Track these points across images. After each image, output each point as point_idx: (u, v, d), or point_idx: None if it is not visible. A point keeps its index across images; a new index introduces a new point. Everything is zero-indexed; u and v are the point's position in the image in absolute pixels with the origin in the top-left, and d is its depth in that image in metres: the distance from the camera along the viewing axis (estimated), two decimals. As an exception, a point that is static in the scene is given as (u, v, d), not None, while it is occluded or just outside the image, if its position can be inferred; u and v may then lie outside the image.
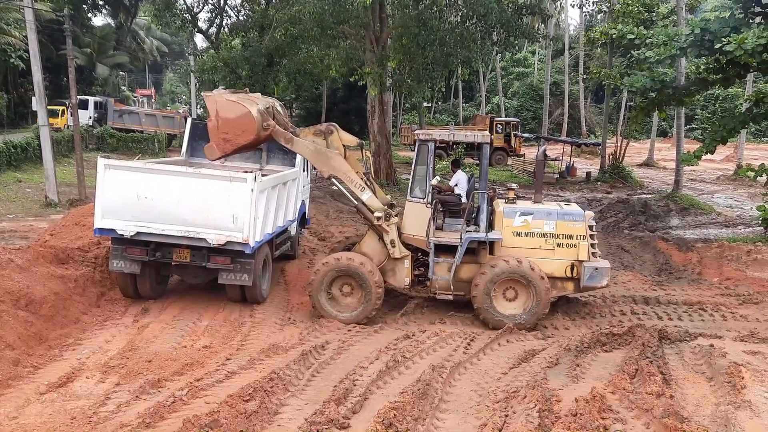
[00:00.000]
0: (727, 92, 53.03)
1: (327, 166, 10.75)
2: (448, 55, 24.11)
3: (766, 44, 13.91)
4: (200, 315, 10.41)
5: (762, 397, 7.82)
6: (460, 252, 10.71)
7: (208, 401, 7.22)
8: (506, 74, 68.17)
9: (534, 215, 10.92)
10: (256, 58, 27.72)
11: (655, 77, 17.86)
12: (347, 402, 7.37)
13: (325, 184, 26.82)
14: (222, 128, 9.89)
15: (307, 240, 16.01)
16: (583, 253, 10.92)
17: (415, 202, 10.97)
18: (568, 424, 6.83)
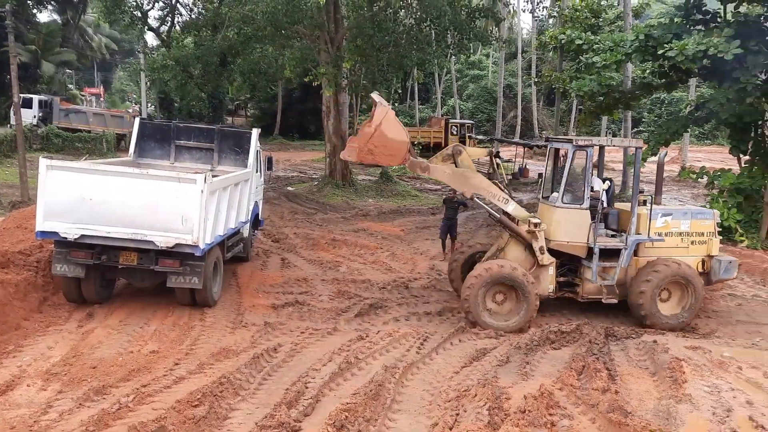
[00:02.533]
0: (673, 96, 54.63)
1: (467, 186, 10.66)
2: (403, 56, 24.23)
3: (705, 50, 14.38)
4: (148, 319, 10.18)
5: (702, 390, 8.09)
6: (627, 255, 10.82)
7: (155, 407, 7.08)
8: (461, 76, 68.84)
9: (673, 216, 11.23)
10: (208, 57, 27.37)
11: (602, 81, 18.28)
12: (299, 405, 7.33)
13: (278, 185, 26.70)
14: (375, 140, 9.75)
15: (260, 242, 15.87)
16: (714, 249, 11.44)
17: (570, 209, 10.91)
18: (517, 420, 6.95)
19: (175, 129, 13.74)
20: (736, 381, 8.54)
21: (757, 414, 7.54)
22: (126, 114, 41.26)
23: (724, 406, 7.66)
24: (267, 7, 21.84)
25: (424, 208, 22.84)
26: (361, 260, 15.06)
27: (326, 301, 11.72)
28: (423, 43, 24.66)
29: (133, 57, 56.80)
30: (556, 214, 10.95)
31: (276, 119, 56.42)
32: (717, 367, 8.99)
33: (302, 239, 16.63)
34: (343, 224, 19.37)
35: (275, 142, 50.61)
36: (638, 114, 55.04)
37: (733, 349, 9.96)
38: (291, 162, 38.25)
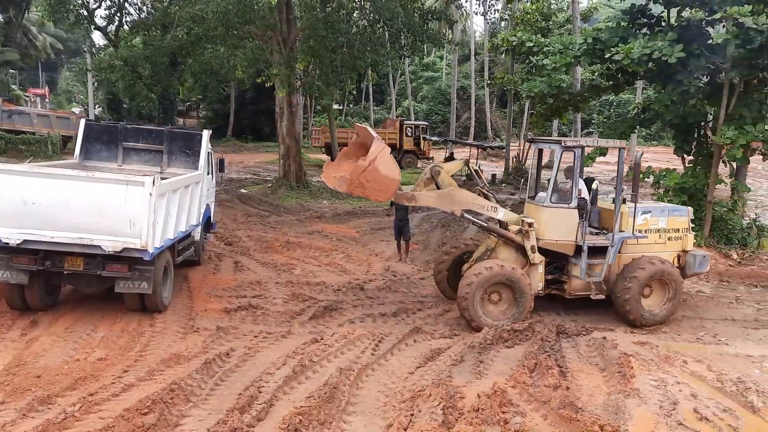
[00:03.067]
0: (621, 98, 56.00)
1: (456, 205, 10.77)
2: (356, 58, 24.21)
3: (650, 54, 14.76)
4: (95, 326, 9.90)
5: (649, 385, 8.31)
6: (614, 252, 11.07)
7: (102, 416, 6.91)
8: (415, 78, 69.24)
9: (652, 213, 11.58)
10: (158, 57, 26.82)
11: (552, 83, 18.59)
12: (252, 410, 7.24)
13: (231, 187, 26.37)
14: (368, 174, 9.74)
15: (213, 245, 15.64)
16: (688, 244, 11.83)
17: (558, 208, 11.12)
18: (471, 419, 7.01)
19: (123, 130, 13.42)
20: (682, 375, 8.81)
21: (702, 406, 7.80)
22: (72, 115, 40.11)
23: (670, 400, 7.89)
24: (218, 7, 21.53)
25: (379, 210, 22.85)
26: (316, 262, 14.99)
27: (280, 304, 11.61)
28: (376, 44, 24.69)
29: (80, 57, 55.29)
30: (545, 214, 11.16)
31: (229, 120, 55.74)
32: (663, 361, 9.26)
33: (256, 242, 16.45)
34: (298, 226, 19.24)
35: (228, 143, 50.01)
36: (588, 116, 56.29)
37: (679, 344, 10.28)
38: (244, 164, 37.83)
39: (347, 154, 11.25)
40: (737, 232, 16.49)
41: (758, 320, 11.77)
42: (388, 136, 39.30)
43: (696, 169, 17.18)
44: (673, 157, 19.43)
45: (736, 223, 16.64)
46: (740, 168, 17.30)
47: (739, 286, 14.07)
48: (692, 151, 17.69)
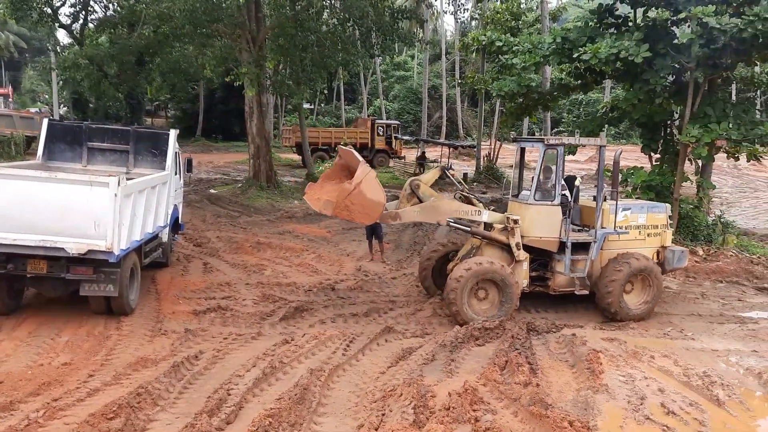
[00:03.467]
0: (590, 97, 56.74)
1: (440, 215, 10.96)
2: (327, 57, 24.12)
3: (617, 53, 14.96)
4: (60, 330, 9.68)
5: (617, 380, 8.40)
6: (596, 247, 11.32)
7: (67, 422, 6.75)
8: (387, 77, 69.25)
9: (632, 210, 11.80)
10: (124, 56, 26.45)
11: (521, 83, 18.75)
12: (220, 413, 7.14)
13: (201, 188, 26.07)
14: (353, 197, 9.85)
15: (181, 246, 15.42)
16: (667, 240, 12.07)
17: (541, 205, 11.28)
18: (442, 418, 7.01)
19: (87, 130, 13.16)
20: (649, 370, 8.92)
21: (669, 401, 7.90)
22: (36, 115, 39.27)
23: (638, 395, 7.98)
24: (185, 5, 21.27)
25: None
26: (287, 263, 14.88)
27: (250, 306, 11.49)
28: (347, 43, 24.64)
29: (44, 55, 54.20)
30: (529, 211, 11.32)
31: (198, 120, 55.10)
32: (631, 357, 9.36)
33: (225, 243, 16.27)
34: (268, 227, 19.09)
35: (198, 143, 49.44)
36: (558, 115, 56.92)
37: (647, 340, 10.41)
38: (214, 164, 37.43)
39: (329, 176, 11.48)
40: (703, 229, 16.80)
41: (723, 315, 12.00)
42: (360, 136, 39.30)
43: (663, 167, 17.47)
44: (641, 156, 19.71)
45: (701, 220, 16.95)
46: (705, 166, 17.64)
47: (705, 282, 14.33)
48: (659, 150, 17.99)
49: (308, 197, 11.01)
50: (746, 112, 16.11)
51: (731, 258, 15.65)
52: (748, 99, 18.93)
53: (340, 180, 11.28)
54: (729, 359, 9.68)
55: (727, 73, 16.76)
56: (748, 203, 28.61)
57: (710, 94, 16.44)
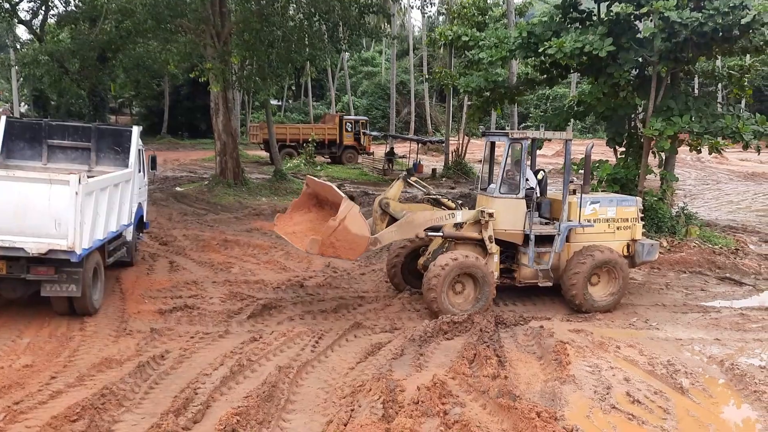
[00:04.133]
0: (556, 92, 57.39)
1: (417, 228, 10.96)
2: (293, 52, 23.91)
3: (582, 48, 15.14)
4: (21, 331, 9.43)
5: (584, 371, 8.52)
6: (560, 240, 11.45)
7: (29, 425, 6.60)
8: (355, 73, 69.13)
9: (600, 203, 11.90)
10: (86, 52, 25.84)
11: (488, 78, 18.88)
12: (187, 412, 7.04)
13: (166, 186, 25.70)
14: (338, 234, 9.83)
15: (146, 245, 15.17)
16: (637, 233, 12.14)
17: (507, 198, 11.40)
18: (411, 412, 7.02)
19: (47, 128, 12.85)
20: (615, 360, 9.07)
21: (634, 389, 8.04)
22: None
23: (604, 384, 8.11)
24: (147, 0, 20.89)
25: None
26: (255, 260, 14.75)
27: (217, 304, 11.35)
28: (313, 38, 24.46)
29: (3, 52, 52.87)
30: (494, 204, 11.43)
31: (163, 117, 54.30)
32: (598, 347, 9.51)
33: (192, 241, 16.06)
34: (236, 224, 18.90)
35: (163, 141, 48.76)
36: (525, 109, 57.42)
37: (612, 330, 10.57)
38: (180, 162, 36.93)
39: (298, 206, 11.54)
40: (666, 221, 17.10)
41: (686, 305, 12.24)
42: (328, 132, 39.15)
43: (627, 160, 17.74)
44: (607, 149, 19.98)
45: (665, 212, 17.25)
46: (669, 158, 17.96)
47: (669, 273, 14.60)
48: (624, 143, 18.26)
49: (280, 230, 11.04)
50: (708, 106, 16.42)
51: (694, 249, 15.96)
52: (710, 93, 19.30)
53: (309, 209, 11.45)
54: (692, 348, 9.89)
55: (688, 66, 17.07)
56: (710, 195, 29.25)
57: (673, 87, 16.73)
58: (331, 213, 10.72)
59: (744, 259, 15.67)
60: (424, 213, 11.23)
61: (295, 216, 11.29)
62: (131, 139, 12.79)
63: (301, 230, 10.87)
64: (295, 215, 11.32)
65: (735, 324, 11.04)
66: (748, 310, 12.02)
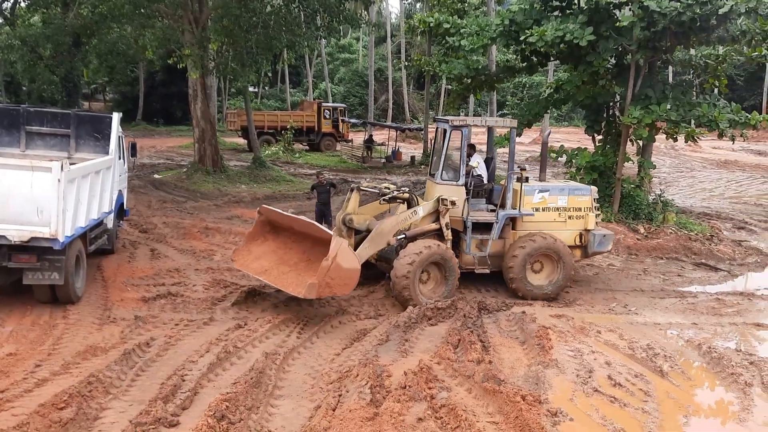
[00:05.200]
0: (533, 80, 57.63)
1: (387, 236, 10.87)
2: (272, 38, 23.68)
3: (563, 36, 15.25)
4: (3, 320, 9.33)
5: (566, 355, 8.68)
6: (497, 228, 11.42)
7: (15, 413, 6.56)
8: (332, 60, 68.63)
9: (550, 192, 11.84)
10: (59, 37, 25.34)
11: (469, 65, 18.92)
12: (176, 399, 7.07)
13: (144, 173, 25.43)
14: (332, 273, 9.52)
15: (127, 233, 15.04)
16: (590, 223, 12.07)
17: (448, 185, 11.42)
18: (398, 396, 7.10)
19: (25, 114, 12.64)
20: (596, 344, 9.26)
21: (615, 373, 8.24)
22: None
23: (586, 368, 8.28)
24: (124, -16, 20.53)
25: (299, 193, 22.64)
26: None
27: (201, 291, 11.32)
28: (292, 24, 24.24)
29: (-27, 36, 51.66)
30: (436, 191, 11.45)
31: (138, 104, 53.48)
32: (579, 332, 9.69)
33: (172, 228, 15.94)
34: (216, 212, 18.79)
35: (138, 128, 48.04)
36: (502, 97, 57.61)
37: (593, 315, 10.77)
38: (157, 149, 36.48)
39: (253, 237, 11.26)
40: (644, 208, 17.37)
41: (664, 290, 12.50)
42: (306, 119, 38.93)
43: (605, 148, 17.96)
44: (584, 137, 20.23)
45: (642, 199, 17.53)
46: (646, 146, 18.22)
47: (647, 259, 14.88)
48: (602, 131, 18.46)
49: (243, 266, 10.76)
50: (685, 94, 16.65)
51: (671, 235, 16.27)
52: (686, 81, 19.59)
53: (264, 239, 11.19)
54: (670, 332, 10.12)
55: (666, 55, 17.28)
56: (685, 182, 29.74)
57: (650, 76, 16.94)
58: (293, 239, 10.72)
59: (719, 245, 16.03)
60: (389, 220, 11.11)
61: (253, 248, 11.04)
62: (111, 125, 12.62)
63: (270, 265, 10.55)
64: (252, 247, 11.07)
65: (711, 309, 11.32)
66: (724, 294, 12.33)
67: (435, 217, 11.37)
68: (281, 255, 10.73)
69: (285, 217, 11.15)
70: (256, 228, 11.30)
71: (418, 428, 6.41)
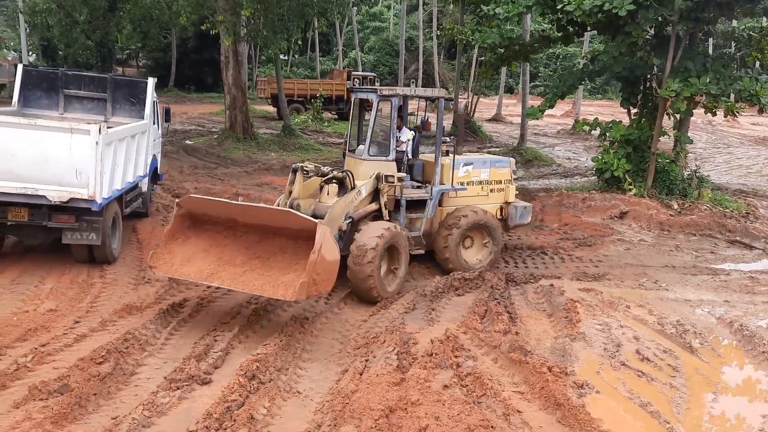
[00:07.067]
0: (567, 51, 56.58)
1: (338, 221, 9.42)
2: (304, 5, 23.62)
3: (601, 5, 14.88)
4: (43, 278, 9.64)
5: (594, 328, 8.66)
6: (432, 205, 10.76)
7: (56, 366, 6.80)
8: (363, 28, 68.05)
9: (474, 165, 11.35)
10: (95, 2, 25.53)
11: (503, 34, 18.61)
12: (208, 358, 7.25)
13: (176, 139, 25.70)
14: (317, 268, 7.89)
15: (160, 197, 15.29)
16: (510, 195, 11.81)
17: (377, 161, 10.42)
18: (425, 363, 7.19)
19: (64, 77, 12.83)
20: (625, 319, 9.21)
21: (643, 347, 8.20)
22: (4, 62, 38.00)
23: (614, 342, 8.25)
24: (160, -52, 20.55)
25: (327, 162, 22.69)
26: (267, 214, 14.83)
27: (233, 255, 11.47)
28: (325, -10, 24.13)
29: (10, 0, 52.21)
30: (363, 167, 10.37)
31: (170, 70, 53.76)
32: (607, 306, 9.64)
33: (204, 194, 16.09)
34: (246, 178, 18.97)
35: (170, 94, 48.40)
36: (534, 69, 56.72)
37: (622, 290, 10.71)
38: (188, 115, 36.77)
39: (172, 235, 8.88)
40: (678, 183, 17.07)
41: (696, 267, 12.35)
42: (336, 88, 38.76)
43: (641, 122, 17.63)
44: (618, 111, 19.91)
45: (677, 174, 17.22)
46: (683, 120, 17.82)
47: (679, 235, 14.68)
48: (638, 104, 18.11)
49: (166, 271, 8.53)
50: (725, 68, 16.21)
51: (705, 212, 16.00)
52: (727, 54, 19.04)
53: (186, 236, 8.91)
54: (701, 309, 10.02)
55: (708, 27, 16.80)
56: (721, 158, 29.14)
57: (691, 48, 16.52)
58: (224, 235, 8.76)
59: (755, 223, 15.74)
60: (339, 203, 9.54)
61: (175, 249, 8.74)
62: (146, 90, 12.78)
63: (212, 267, 8.42)
64: (173, 248, 8.76)
65: (744, 287, 11.16)
66: (758, 273, 12.13)
67: (372, 197, 10.24)
68: (217, 254, 8.61)
69: (228, 207, 8.93)
70: (175, 224, 8.94)
71: (443, 395, 6.48)
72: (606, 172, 17.46)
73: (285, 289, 7.85)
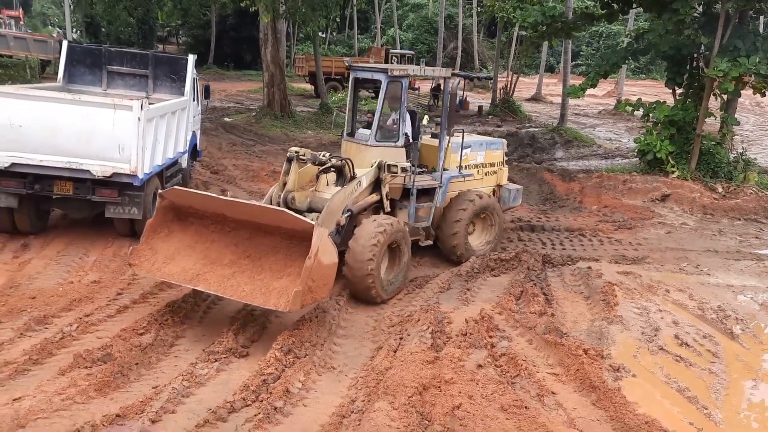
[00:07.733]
0: (611, 29, 55.29)
1: (337, 214, 8.76)
2: (343, -18, 23.53)
3: (648, -19, 14.52)
4: (87, 250, 9.92)
5: (632, 312, 8.54)
6: (442, 193, 10.25)
7: (99, 336, 7.02)
8: (401, 6, 67.51)
9: (471, 148, 10.86)
10: (138, -21, 25.80)
11: (545, 12, 18.28)
12: (245, 332, 7.37)
13: (215, 116, 25.98)
14: (313, 274, 7.12)
15: (199, 173, 15.52)
16: (503, 178, 11.58)
17: (384, 147, 9.70)
18: (459, 342, 7.22)
19: (107, 54, 13.06)
20: (664, 303, 9.06)
21: (682, 332, 8.06)
22: (50, 38, 38.76)
23: (652, 326, 8.14)
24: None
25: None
26: (304, 191, 14.93)
27: (270, 232, 11.61)
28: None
29: (55, -23, 53.15)
30: (369, 154, 9.62)
31: (210, 48, 54.25)
32: (646, 290, 9.49)
33: (242, 171, 16.33)
34: (283, 156, 18.78)
35: (210, 71, 48.86)
36: (576, 47, 55.57)
37: (662, 274, 10.52)
38: (227, 92, 37.11)
39: (154, 229, 8.02)
40: (723, 166, 16.62)
41: (740, 252, 12.05)
42: (375, 66, 38.56)
43: (686, 102, 17.17)
44: (662, 91, 19.42)
45: (723, 156, 16.76)
46: (731, 101, 17.29)
47: (723, 219, 14.33)
48: (684, 84, 17.63)
49: (147, 270, 7.73)
50: (777, 47, 15.65)
51: (751, 196, 15.56)
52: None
53: (169, 231, 8.09)
54: (744, 295, 9.80)
55: (759, 4, 16.19)
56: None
57: (741, 26, 15.96)
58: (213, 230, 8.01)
59: (803, 209, 15.26)
60: (337, 197, 8.81)
61: (158, 245, 7.96)
62: (187, 67, 12.92)
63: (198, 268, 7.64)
64: (156, 244, 7.97)
65: (789, 273, 10.88)
66: (804, 260, 11.80)
67: (373, 188, 9.57)
68: (204, 252, 7.88)
69: (215, 201, 7.97)
70: (157, 217, 8.06)
71: (477, 374, 6.50)
72: (648, 153, 17.09)
73: (277, 298, 7.10)
